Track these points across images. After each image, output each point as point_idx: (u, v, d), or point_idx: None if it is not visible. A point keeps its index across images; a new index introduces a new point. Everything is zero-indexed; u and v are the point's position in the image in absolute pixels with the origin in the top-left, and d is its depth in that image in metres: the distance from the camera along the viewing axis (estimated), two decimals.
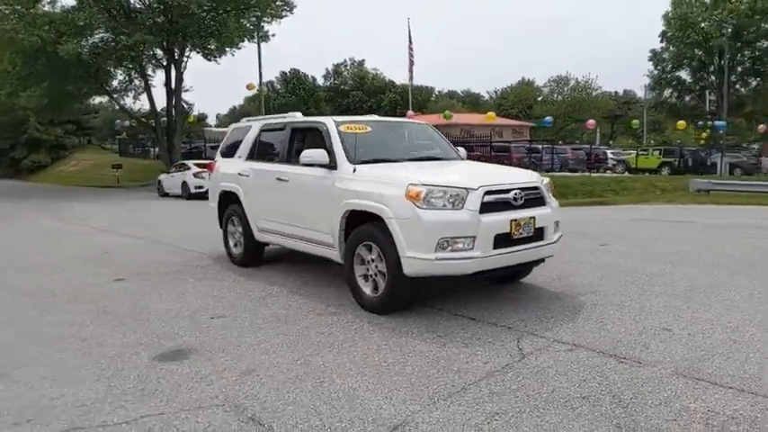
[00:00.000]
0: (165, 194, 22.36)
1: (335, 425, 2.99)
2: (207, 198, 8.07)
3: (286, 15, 29.23)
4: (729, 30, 49.79)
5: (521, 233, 4.74)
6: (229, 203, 7.22)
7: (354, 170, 5.17)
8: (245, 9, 27.47)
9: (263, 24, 29.09)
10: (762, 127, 35.02)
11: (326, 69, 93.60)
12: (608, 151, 37.16)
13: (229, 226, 7.27)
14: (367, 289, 5.01)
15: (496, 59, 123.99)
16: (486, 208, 4.55)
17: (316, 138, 5.86)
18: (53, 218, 14.51)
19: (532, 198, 4.94)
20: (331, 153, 5.44)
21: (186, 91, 32.98)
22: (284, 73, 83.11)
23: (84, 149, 47.68)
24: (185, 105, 38.30)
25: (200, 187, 18.92)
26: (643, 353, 3.92)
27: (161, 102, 31.08)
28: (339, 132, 5.59)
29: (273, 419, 3.06)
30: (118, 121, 45.93)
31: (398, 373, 3.67)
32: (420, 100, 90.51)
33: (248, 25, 29.58)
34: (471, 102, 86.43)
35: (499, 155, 29.47)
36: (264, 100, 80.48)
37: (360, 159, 5.37)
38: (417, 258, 4.46)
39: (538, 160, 31.06)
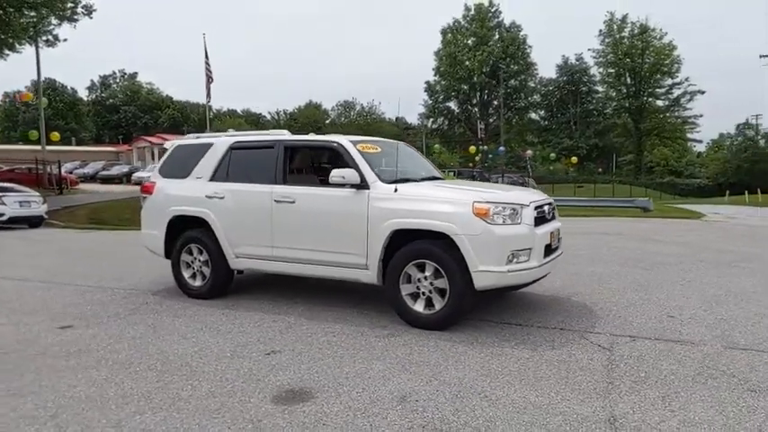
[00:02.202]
0: None
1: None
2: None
3: (78, 19, 25.98)
4: (487, 69, 58.38)
5: (555, 244, 5.32)
6: (184, 230, 6.44)
7: (396, 190, 5.19)
8: (30, 6, 23.68)
9: (51, 26, 25.30)
10: (529, 152, 41.81)
11: (92, 81, 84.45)
12: None
13: (184, 255, 6.46)
14: (419, 307, 5.06)
15: (275, 80, 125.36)
16: (535, 222, 5.03)
17: (324, 157, 5.67)
18: None
19: (552, 212, 5.58)
20: (358, 173, 5.36)
21: None
22: (36, 82, 72.70)
23: None
24: None
25: (2, 215, 15.67)
26: (686, 336, 4.78)
27: None
28: (361, 152, 5.53)
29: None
30: None
31: (543, 378, 3.90)
32: (199, 118, 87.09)
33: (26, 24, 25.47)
34: (253, 122, 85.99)
35: None
36: (8, 114, 68.81)
37: (387, 179, 5.41)
38: (490, 272, 4.72)
39: None
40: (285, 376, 4.03)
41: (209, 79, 38.22)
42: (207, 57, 37.07)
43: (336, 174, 5.30)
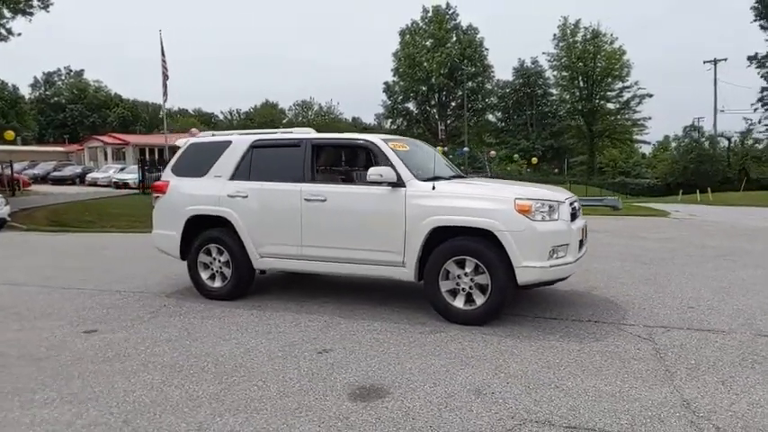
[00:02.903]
0: None
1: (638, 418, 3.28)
2: None
3: (33, 12, 24.78)
4: (445, 70, 59.04)
5: (585, 239, 5.50)
6: (201, 230, 6.31)
7: (434, 187, 5.25)
8: None
9: (4, 20, 24.05)
10: (493, 153, 42.59)
11: (35, 78, 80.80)
12: None
13: (202, 256, 6.32)
14: (459, 303, 5.14)
15: (229, 79, 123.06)
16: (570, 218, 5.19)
17: (356, 156, 5.68)
18: None
19: (579, 209, 5.76)
20: (394, 171, 5.38)
21: None
22: None
23: None
24: None
25: None
26: (714, 325, 5.04)
27: None
28: (395, 151, 5.57)
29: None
30: None
31: (603, 368, 4.04)
32: (151, 117, 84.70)
33: None
34: (206, 121, 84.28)
35: None
36: None
37: (422, 177, 5.47)
38: (533, 267, 4.85)
39: None
40: (349, 374, 4.02)
41: (166, 77, 37.13)
42: (163, 54, 35.79)
43: (374, 172, 5.31)
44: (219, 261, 6.23)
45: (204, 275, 6.33)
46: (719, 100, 46.25)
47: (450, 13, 61.32)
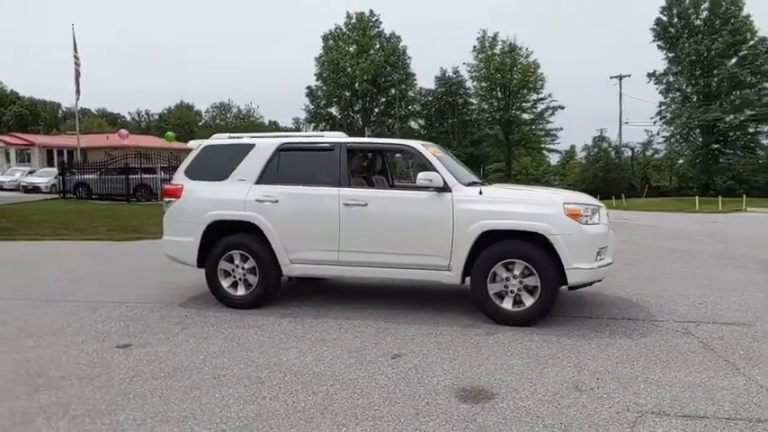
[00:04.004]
0: None
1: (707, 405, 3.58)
2: None
3: None
4: (369, 77, 59.56)
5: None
6: (221, 236, 6.05)
7: (481, 192, 5.38)
8: None
9: None
10: None
11: None
12: None
13: (223, 263, 6.05)
14: (507, 305, 5.29)
15: (140, 79, 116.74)
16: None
17: (392, 160, 5.66)
18: None
19: None
20: (440, 176, 5.46)
21: None
22: None
23: None
24: None
25: None
26: (733, 319, 5.53)
27: None
28: (436, 156, 5.64)
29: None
30: None
31: (670, 361, 4.34)
32: (50, 117, 79.06)
33: None
34: (112, 122, 79.66)
35: None
36: None
37: (464, 182, 5.59)
38: (583, 269, 5.10)
39: None
40: (441, 378, 4.04)
41: (78, 73, 34.71)
42: (75, 49, 33.60)
43: (424, 177, 5.36)
44: (243, 268, 5.99)
45: (225, 284, 6.06)
46: (624, 113, 49.90)
47: (373, 20, 61.98)
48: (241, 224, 5.96)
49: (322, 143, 6.03)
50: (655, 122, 50.31)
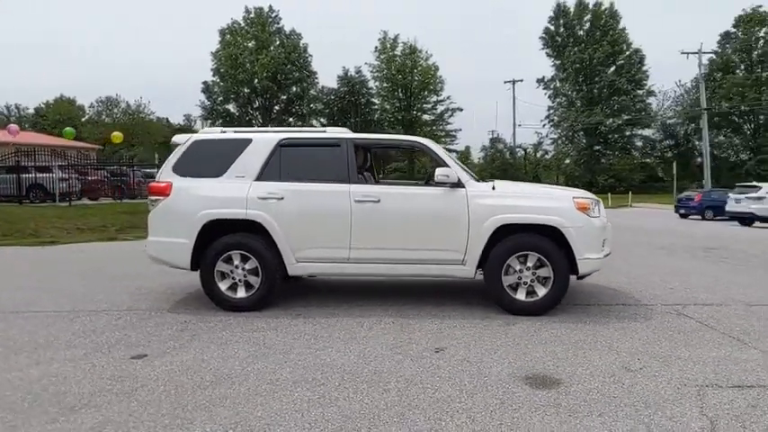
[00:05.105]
0: None
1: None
2: None
3: None
4: (269, 73, 58.30)
5: None
6: (216, 236, 5.72)
7: (494, 187, 5.55)
8: None
9: None
10: None
11: None
12: None
13: (220, 264, 5.72)
14: (520, 295, 5.51)
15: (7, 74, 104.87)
16: None
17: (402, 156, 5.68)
18: None
19: None
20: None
21: None
22: None
23: None
24: None
25: None
26: (714, 300, 6.16)
27: None
28: (445, 151, 5.73)
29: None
30: None
31: (681, 340, 4.75)
32: None
33: None
34: None
35: (114, 179, 27.21)
36: None
37: (474, 178, 5.75)
38: (592, 259, 5.44)
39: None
40: (498, 368, 4.13)
41: None
42: None
43: (441, 173, 5.42)
44: (243, 269, 5.71)
45: (223, 286, 5.74)
46: (518, 115, 53.10)
47: (273, 16, 60.78)
48: (241, 223, 5.67)
49: (327, 139, 5.89)
50: (544, 125, 54.08)
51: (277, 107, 63.55)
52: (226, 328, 5.19)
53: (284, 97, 62.67)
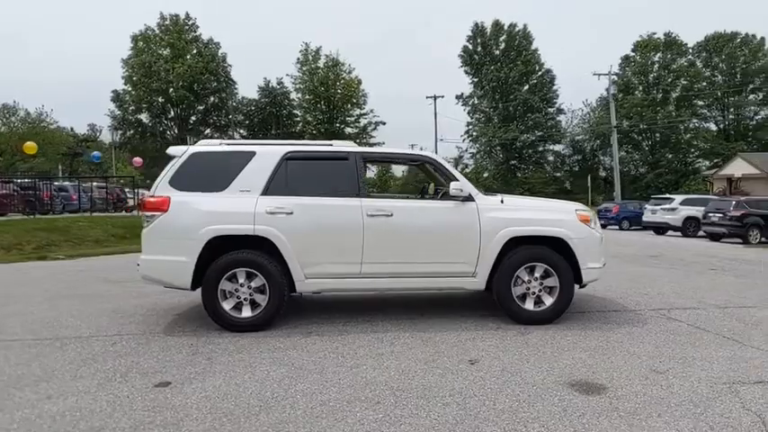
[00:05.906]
0: None
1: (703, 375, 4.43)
2: None
3: None
4: (185, 83, 56.31)
5: None
6: (220, 254, 5.48)
7: (502, 201, 5.72)
8: None
9: None
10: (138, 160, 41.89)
11: None
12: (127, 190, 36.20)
13: (224, 283, 5.46)
14: (529, 305, 5.69)
15: None
16: None
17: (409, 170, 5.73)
18: None
19: None
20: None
21: None
22: None
23: None
24: None
25: None
26: (688, 305, 6.64)
27: None
28: (453, 166, 5.84)
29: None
30: None
31: (686, 342, 5.10)
32: None
33: None
34: None
35: (26, 193, 25.08)
36: None
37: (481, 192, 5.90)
38: (594, 268, 5.74)
39: (66, 199, 27.76)
40: (540, 375, 4.25)
41: None
42: None
43: (456, 186, 5.51)
44: (249, 287, 5.48)
45: (227, 306, 5.48)
46: (440, 130, 54.64)
47: (190, 24, 58.82)
48: (248, 239, 5.46)
49: (334, 152, 5.81)
50: (464, 140, 55.96)
51: (194, 117, 61.42)
52: (241, 350, 4.95)
53: (202, 108, 60.67)
